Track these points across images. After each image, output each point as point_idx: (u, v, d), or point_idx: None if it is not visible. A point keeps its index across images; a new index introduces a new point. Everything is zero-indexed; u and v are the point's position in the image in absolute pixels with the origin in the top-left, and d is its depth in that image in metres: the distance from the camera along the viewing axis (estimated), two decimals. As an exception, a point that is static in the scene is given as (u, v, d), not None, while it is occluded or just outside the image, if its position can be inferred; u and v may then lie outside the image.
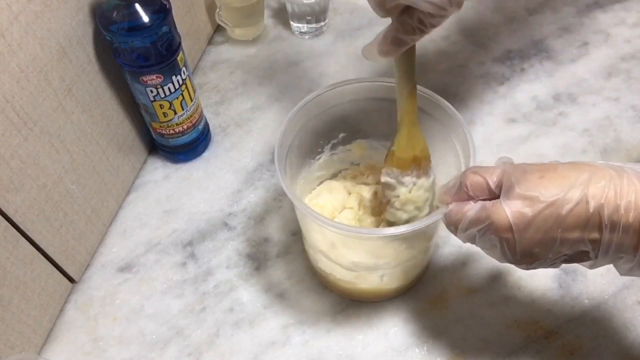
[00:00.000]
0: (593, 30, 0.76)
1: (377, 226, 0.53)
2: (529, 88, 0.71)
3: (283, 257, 0.58)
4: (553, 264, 0.37)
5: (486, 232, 0.36)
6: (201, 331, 0.54)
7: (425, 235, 0.49)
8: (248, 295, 0.56)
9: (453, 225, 0.39)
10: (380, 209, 0.53)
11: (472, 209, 0.37)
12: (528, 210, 0.34)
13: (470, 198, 0.38)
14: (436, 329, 0.53)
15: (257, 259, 0.58)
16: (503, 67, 0.73)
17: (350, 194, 0.56)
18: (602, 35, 0.76)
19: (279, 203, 0.62)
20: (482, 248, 0.39)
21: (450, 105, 0.48)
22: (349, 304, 0.54)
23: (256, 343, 0.53)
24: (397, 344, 0.52)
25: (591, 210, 0.33)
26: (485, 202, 0.37)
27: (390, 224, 0.50)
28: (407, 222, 0.49)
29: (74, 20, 0.50)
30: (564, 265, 0.38)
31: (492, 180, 0.37)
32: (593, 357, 0.50)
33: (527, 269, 0.38)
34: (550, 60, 0.74)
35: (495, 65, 0.73)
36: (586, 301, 0.53)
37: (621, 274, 0.37)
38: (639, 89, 0.70)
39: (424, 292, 0.55)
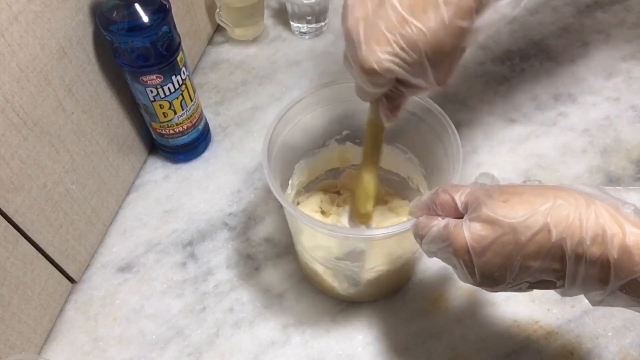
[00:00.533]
0: (593, 30, 0.76)
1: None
2: (529, 88, 0.71)
3: (283, 257, 0.58)
4: (518, 289, 0.36)
5: (446, 251, 0.36)
6: (201, 331, 0.54)
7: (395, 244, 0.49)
8: (248, 295, 0.56)
9: (419, 238, 0.39)
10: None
11: (436, 225, 0.37)
12: (487, 234, 0.33)
13: (439, 215, 0.38)
14: (436, 329, 0.53)
15: (257, 259, 0.58)
16: (503, 67, 0.73)
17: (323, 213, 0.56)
18: (602, 35, 0.76)
19: (279, 203, 0.62)
20: (448, 264, 0.38)
21: (438, 108, 0.48)
22: (349, 303, 0.54)
23: (256, 343, 0.53)
24: (397, 343, 0.52)
25: (553, 239, 0.32)
26: (450, 221, 0.36)
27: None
28: None
29: (74, 20, 0.50)
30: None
31: (460, 200, 0.37)
32: (593, 357, 0.50)
33: (492, 291, 0.37)
34: (550, 60, 0.74)
35: (495, 65, 0.73)
36: (586, 301, 0.53)
37: (592, 305, 0.35)
38: (639, 89, 0.70)
39: (424, 291, 0.55)
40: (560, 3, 0.80)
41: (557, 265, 0.33)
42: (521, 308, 0.53)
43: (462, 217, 0.36)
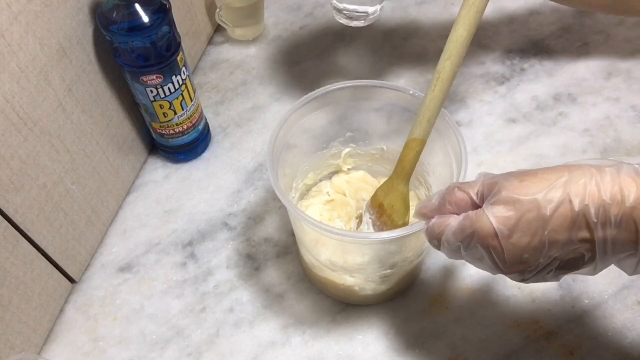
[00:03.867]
0: (593, 30, 0.76)
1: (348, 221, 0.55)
2: (529, 88, 0.71)
3: (283, 257, 0.58)
4: (548, 272, 0.36)
5: (471, 241, 0.36)
6: (201, 331, 0.54)
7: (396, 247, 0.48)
8: (248, 295, 0.56)
9: (436, 239, 0.38)
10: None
11: (455, 220, 0.37)
12: (511, 215, 0.34)
13: (453, 214, 0.38)
14: (436, 329, 0.53)
15: (257, 259, 0.58)
16: (503, 67, 0.73)
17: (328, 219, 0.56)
18: (602, 35, 0.76)
19: (279, 203, 0.62)
20: (470, 262, 0.38)
21: (443, 110, 0.48)
22: (349, 304, 0.54)
23: (256, 343, 0.53)
24: (397, 344, 0.52)
25: (576, 209, 0.33)
26: (469, 212, 0.36)
27: None
28: None
29: (74, 20, 0.50)
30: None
31: (475, 193, 0.37)
32: (593, 357, 0.50)
33: (522, 280, 0.37)
34: (550, 60, 0.74)
35: (495, 65, 0.73)
36: (586, 301, 0.54)
37: (629, 274, 0.35)
38: (639, 89, 0.70)
39: (424, 292, 0.55)
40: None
41: (585, 233, 0.33)
42: (521, 308, 0.53)
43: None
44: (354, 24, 0.56)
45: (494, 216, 0.34)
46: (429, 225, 0.39)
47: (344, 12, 0.56)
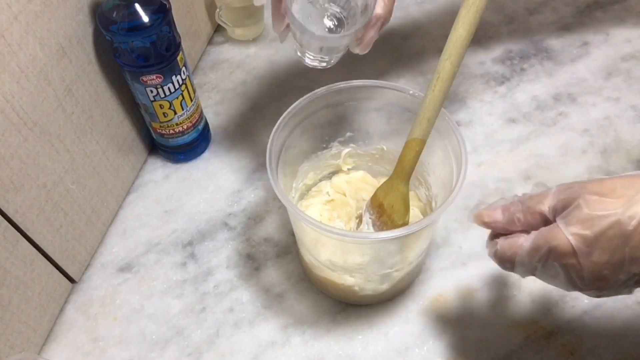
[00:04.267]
0: (593, 30, 0.76)
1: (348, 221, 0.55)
2: (529, 88, 0.71)
3: (283, 257, 0.58)
4: (626, 287, 0.35)
5: (547, 260, 0.35)
6: (201, 331, 0.54)
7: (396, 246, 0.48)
8: (248, 295, 0.56)
9: (508, 262, 0.37)
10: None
11: (527, 239, 0.36)
12: (590, 232, 0.33)
13: (522, 232, 0.37)
14: (436, 329, 0.53)
15: (257, 259, 0.58)
16: (503, 67, 0.73)
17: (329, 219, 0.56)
18: (602, 35, 0.76)
19: (279, 203, 0.62)
20: (542, 279, 0.37)
21: (443, 110, 0.48)
22: (349, 304, 0.54)
23: (256, 343, 0.53)
24: (397, 344, 0.52)
25: None
26: (541, 230, 0.35)
27: None
28: None
29: (74, 20, 0.50)
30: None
31: (546, 208, 0.36)
32: (593, 357, 0.50)
33: (598, 296, 0.36)
34: (550, 60, 0.74)
35: (495, 65, 0.74)
36: (586, 301, 0.54)
37: None
38: (639, 89, 0.70)
39: (424, 292, 0.55)
40: (560, 3, 0.80)
41: None
42: (521, 308, 0.53)
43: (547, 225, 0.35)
44: (319, 67, 0.54)
45: (572, 234, 0.33)
46: (497, 249, 0.38)
47: (304, 57, 0.55)
